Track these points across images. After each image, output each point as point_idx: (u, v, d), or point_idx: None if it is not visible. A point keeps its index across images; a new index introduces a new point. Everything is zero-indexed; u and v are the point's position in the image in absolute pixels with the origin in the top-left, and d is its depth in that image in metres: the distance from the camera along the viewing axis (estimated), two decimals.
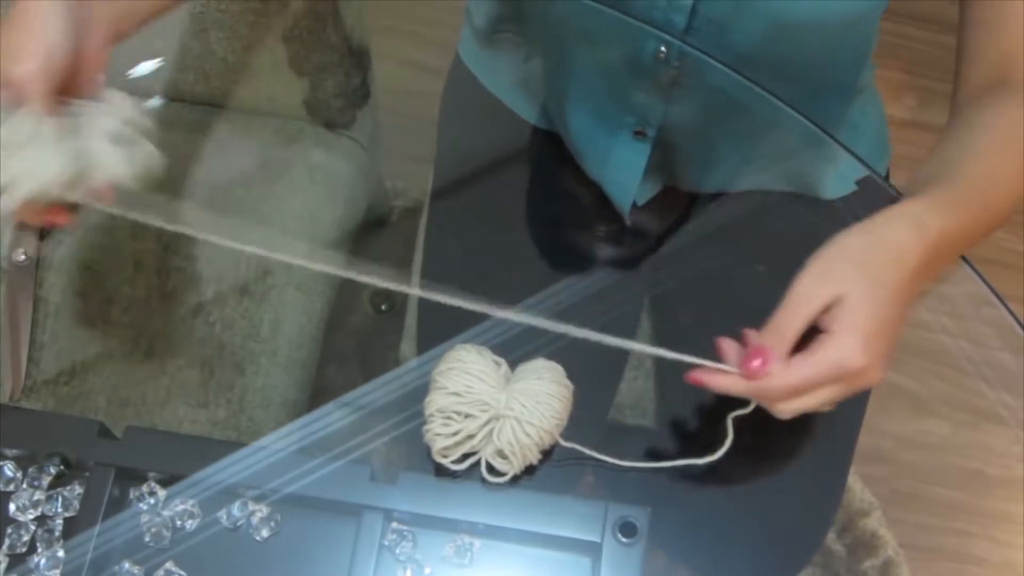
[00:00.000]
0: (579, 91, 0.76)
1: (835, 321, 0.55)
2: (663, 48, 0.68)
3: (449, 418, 0.63)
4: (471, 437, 0.63)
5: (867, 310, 0.55)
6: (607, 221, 0.85)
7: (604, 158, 0.78)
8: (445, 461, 0.64)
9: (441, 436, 0.63)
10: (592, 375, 0.75)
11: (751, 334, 0.58)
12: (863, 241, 0.57)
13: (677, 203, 0.85)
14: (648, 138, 0.75)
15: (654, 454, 0.69)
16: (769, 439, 0.76)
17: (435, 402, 0.64)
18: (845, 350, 0.55)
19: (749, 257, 0.82)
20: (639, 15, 0.67)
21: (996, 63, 0.64)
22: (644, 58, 0.69)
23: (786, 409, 0.58)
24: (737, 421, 0.68)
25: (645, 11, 0.67)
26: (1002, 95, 0.63)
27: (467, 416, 0.63)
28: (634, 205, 0.82)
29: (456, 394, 0.63)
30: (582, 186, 0.85)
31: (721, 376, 0.58)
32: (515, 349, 0.70)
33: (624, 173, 0.78)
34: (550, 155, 0.86)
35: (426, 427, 0.64)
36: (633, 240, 0.86)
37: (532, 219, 0.84)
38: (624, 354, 0.87)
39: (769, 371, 0.56)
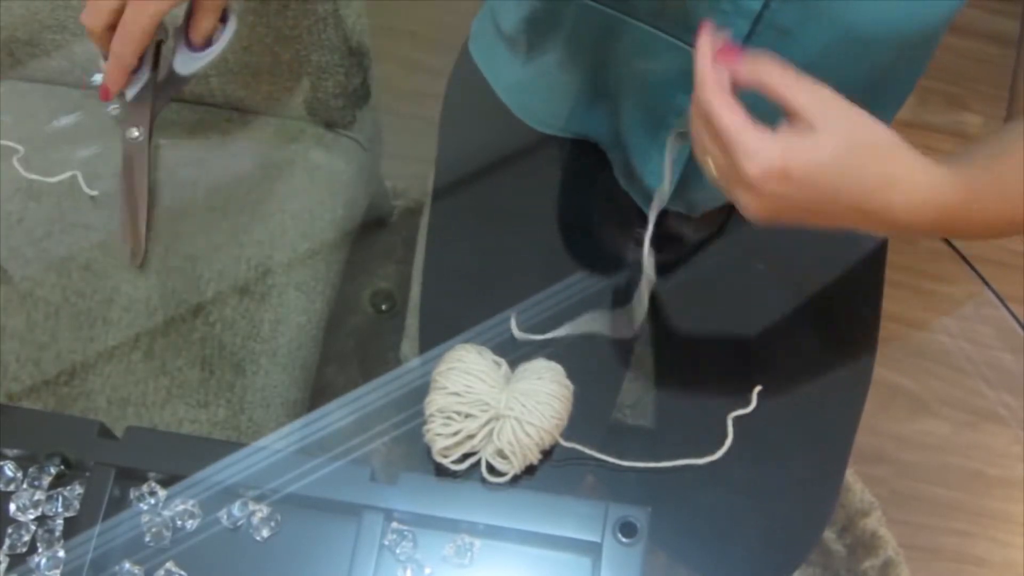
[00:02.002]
0: (627, 95, 0.75)
1: (784, 128, 0.52)
2: None
3: (449, 418, 0.63)
4: (471, 437, 0.63)
5: (812, 162, 0.51)
6: (613, 224, 0.85)
7: (644, 155, 0.77)
8: (445, 461, 0.64)
9: (441, 436, 0.63)
10: (593, 375, 0.75)
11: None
12: (882, 138, 0.55)
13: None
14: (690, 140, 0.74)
15: (654, 454, 0.69)
16: (767, 439, 0.76)
17: (435, 402, 0.64)
18: (762, 144, 0.51)
19: (749, 256, 0.82)
20: (700, 17, 0.64)
21: None
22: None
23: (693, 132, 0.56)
24: (737, 421, 0.68)
25: (706, 14, 0.63)
26: None
27: (467, 416, 0.63)
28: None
29: (456, 394, 0.63)
30: (587, 187, 0.85)
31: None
32: (515, 349, 0.70)
33: (664, 168, 0.77)
34: (553, 156, 0.86)
35: (426, 427, 0.64)
36: (637, 245, 0.86)
37: (534, 219, 0.84)
38: (627, 355, 0.87)
39: (723, 61, 0.54)
